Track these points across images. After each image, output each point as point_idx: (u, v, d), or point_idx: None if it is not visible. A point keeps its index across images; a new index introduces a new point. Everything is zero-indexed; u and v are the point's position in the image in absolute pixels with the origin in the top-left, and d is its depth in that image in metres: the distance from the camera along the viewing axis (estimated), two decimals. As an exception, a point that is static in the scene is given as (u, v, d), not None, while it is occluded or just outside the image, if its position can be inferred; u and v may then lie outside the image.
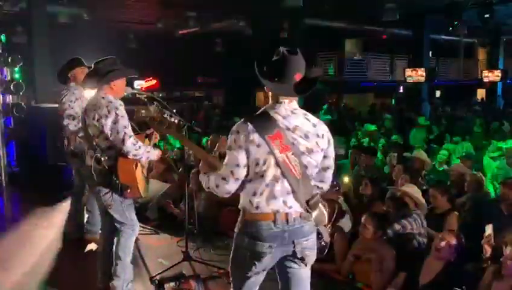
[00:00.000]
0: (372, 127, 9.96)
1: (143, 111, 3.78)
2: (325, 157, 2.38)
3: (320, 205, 2.45)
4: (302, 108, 2.37)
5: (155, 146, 3.73)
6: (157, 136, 3.74)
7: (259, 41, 14.18)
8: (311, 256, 2.39)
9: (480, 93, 21.69)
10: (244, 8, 13.29)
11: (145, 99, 3.72)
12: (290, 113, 2.30)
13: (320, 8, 11.98)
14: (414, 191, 4.63)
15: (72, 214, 4.92)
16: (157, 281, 3.77)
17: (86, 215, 4.84)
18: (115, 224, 3.45)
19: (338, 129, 10.51)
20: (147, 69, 15.50)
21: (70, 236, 4.89)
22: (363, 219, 3.94)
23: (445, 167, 6.43)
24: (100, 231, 3.87)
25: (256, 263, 2.31)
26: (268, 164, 2.23)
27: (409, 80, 16.19)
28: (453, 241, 3.43)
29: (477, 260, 3.64)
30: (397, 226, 4.13)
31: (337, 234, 4.08)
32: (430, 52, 17.99)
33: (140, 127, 3.78)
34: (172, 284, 3.69)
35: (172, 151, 7.88)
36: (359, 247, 3.87)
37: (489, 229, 3.50)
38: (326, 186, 2.48)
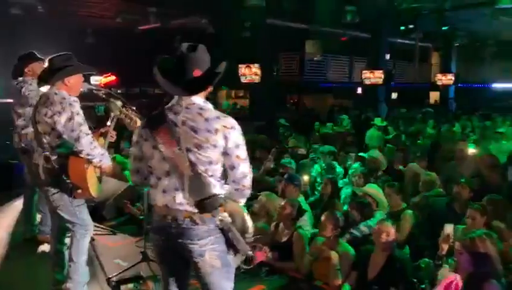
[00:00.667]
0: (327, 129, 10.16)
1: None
2: (225, 154, 2.28)
3: (241, 212, 2.35)
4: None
5: (111, 148, 3.62)
6: (113, 135, 3.62)
7: (221, 39, 14.11)
8: (202, 263, 2.28)
9: (434, 96, 22.54)
10: (206, 6, 13.20)
11: (103, 96, 3.61)
12: (184, 108, 2.28)
13: (282, 9, 12.07)
14: (376, 191, 4.76)
15: (24, 214, 4.72)
16: (114, 283, 3.67)
17: (39, 215, 4.66)
18: (66, 224, 3.33)
19: (299, 129, 10.66)
20: (105, 65, 15.06)
21: (22, 236, 4.69)
22: (322, 217, 4.01)
23: (400, 167, 6.63)
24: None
25: (156, 254, 2.49)
26: (156, 159, 2.29)
27: (367, 81, 16.61)
28: (391, 232, 3.54)
29: (433, 257, 3.77)
30: (363, 228, 4.22)
31: (296, 233, 4.13)
32: (388, 55, 18.54)
33: (97, 125, 3.68)
34: (130, 285, 3.61)
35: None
36: (318, 245, 3.93)
37: (448, 229, 3.62)
38: (241, 187, 2.33)
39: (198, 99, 2.32)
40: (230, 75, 15.06)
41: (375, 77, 16.30)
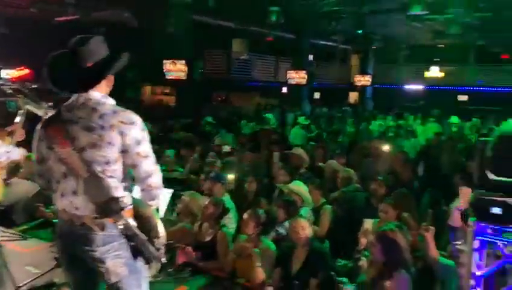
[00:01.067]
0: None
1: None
2: (124, 152, 2.14)
3: (150, 217, 2.23)
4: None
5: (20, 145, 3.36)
6: (22, 133, 3.36)
7: (145, 34, 13.71)
8: (108, 272, 2.15)
9: (353, 95, 23.67)
10: (129, -1, 12.75)
11: (10, 91, 3.34)
12: (80, 105, 2.17)
13: (207, 6, 11.98)
14: (300, 188, 4.87)
15: None
16: (24, 292, 3.42)
17: None
18: None
19: (226, 127, 10.67)
20: (19, 57, 13.97)
21: None
22: (244, 215, 4.04)
23: (321, 164, 6.87)
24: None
25: (62, 261, 2.37)
26: (52, 160, 2.19)
27: (291, 81, 17.05)
28: (306, 226, 3.66)
29: (352, 251, 3.94)
30: (288, 225, 4.29)
31: (219, 232, 4.11)
32: (311, 56, 19.16)
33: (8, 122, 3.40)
34: (42, 294, 3.38)
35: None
36: (240, 243, 3.95)
37: (367, 224, 3.80)
38: (146, 187, 2.21)
39: (96, 94, 2.19)
40: (156, 71, 14.75)
41: (299, 77, 16.77)
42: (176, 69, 13.93)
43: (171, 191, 4.42)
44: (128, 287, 2.22)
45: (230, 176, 5.98)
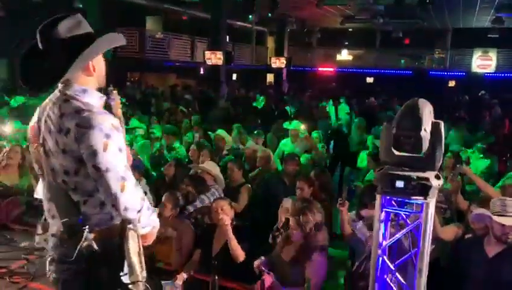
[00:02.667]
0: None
1: None
2: (82, 162, 1.75)
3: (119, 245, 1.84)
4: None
5: None
6: None
7: (49, 9, 12.64)
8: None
9: (270, 77, 24.12)
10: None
11: None
12: (54, 101, 1.85)
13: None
14: (213, 167, 4.89)
15: None
16: None
17: None
18: None
19: (141, 108, 10.31)
20: None
21: None
22: (163, 198, 3.96)
23: (240, 145, 6.94)
24: None
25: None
26: (32, 157, 1.97)
27: (208, 62, 16.87)
28: (225, 207, 3.69)
29: (271, 229, 4.05)
30: (197, 202, 4.30)
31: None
32: (228, 37, 19.07)
33: None
34: None
35: None
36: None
37: (287, 203, 3.91)
38: (110, 208, 1.82)
39: (75, 87, 1.83)
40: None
41: (216, 58, 16.64)
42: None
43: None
44: None
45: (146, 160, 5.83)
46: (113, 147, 1.75)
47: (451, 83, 20.21)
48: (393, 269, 2.37)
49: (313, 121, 8.83)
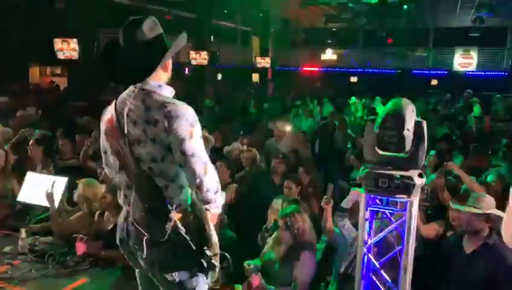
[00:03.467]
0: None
1: None
2: (169, 150, 1.96)
3: (202, 222, 2.05)
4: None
5: None
6: None
7: (33, 8, 12.47)
8: (153, 274, 2.09)
9: (255, 77, 24.13)
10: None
11: None
12: (131, 94, 2.03)
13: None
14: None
15: None
16: None
17: None
18: None
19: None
20: None
21: None
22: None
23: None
24: None
25: (127, 258, 2.21)
26: (109, 152, 2.08)
27: (194, 62, 16.83)
28: None
29: (259, 229, 4.06)
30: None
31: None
32: (212, 37, 19.02)
33: None
34: None
35: None
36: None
37: (276, 204, 3.93)
38: (195, 189, 2.02)
39: (152, 82, 2.03)
40: (45, 50, 13.48)
41: (201, 58, 16.61)
42: (68, 48, 12.97)
43: (65, 179, 4.16)
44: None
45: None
46: (197, 134, 2.00)
47: (434, 82, 20.47)
48: (378, 266, 2.40)
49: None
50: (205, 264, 2.02)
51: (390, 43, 19.13)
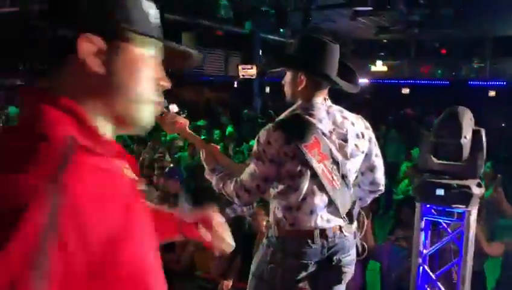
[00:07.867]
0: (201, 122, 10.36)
1: None
2: (367, 156, 2.10)
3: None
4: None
5: None
6: None
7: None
8: (349, 272, 2.18)
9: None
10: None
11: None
12: (326, 113, 2.05)
13: (156, -1, 11.75)
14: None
15: None
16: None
17: None
18: None
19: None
20: None
21: None
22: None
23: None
24: None
25: (290, 279, 2.10)
26: (304, 177, 1.98)
27: (242, 75, 17.11)
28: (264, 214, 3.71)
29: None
30: (228, 210, 4.35)
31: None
32: (260, 51, 19.27)
33: None
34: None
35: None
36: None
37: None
38: (378, 188, 2.21)
39: (330, 101, 2.17)
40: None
41: (250, 71, 16.86)
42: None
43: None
44: (343, 288, 2.24)
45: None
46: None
47: (492, 93, 19.55)
48: (434, 278, 2.34)
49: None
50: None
51: (443, 54, 18.53)
